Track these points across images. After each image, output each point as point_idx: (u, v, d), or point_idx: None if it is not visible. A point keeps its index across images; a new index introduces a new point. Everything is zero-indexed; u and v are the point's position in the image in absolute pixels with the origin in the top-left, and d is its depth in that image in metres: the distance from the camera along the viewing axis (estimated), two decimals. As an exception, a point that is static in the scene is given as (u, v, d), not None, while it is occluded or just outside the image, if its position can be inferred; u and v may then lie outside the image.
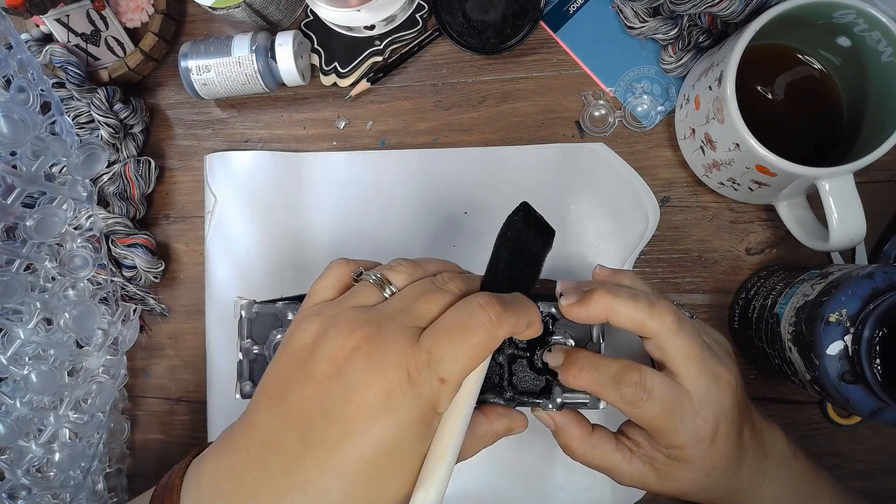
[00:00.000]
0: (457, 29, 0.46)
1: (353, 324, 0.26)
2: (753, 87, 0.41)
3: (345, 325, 0.26)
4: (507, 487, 0.45)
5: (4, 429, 0.40)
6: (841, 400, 0.32)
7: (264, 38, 0.46)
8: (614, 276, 0.35)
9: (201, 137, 0.50)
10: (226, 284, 0.48)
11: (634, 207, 0.45)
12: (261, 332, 0.34)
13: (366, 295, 0.28)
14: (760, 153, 0.35)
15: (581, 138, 0.46)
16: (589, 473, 0.44)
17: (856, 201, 0.35)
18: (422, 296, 0.27)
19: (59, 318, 0.41)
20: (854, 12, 0.34)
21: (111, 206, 0.48)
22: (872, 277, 0.32)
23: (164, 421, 0.50)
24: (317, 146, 0.49)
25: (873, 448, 0.43)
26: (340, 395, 0.25)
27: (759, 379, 0.44)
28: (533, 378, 0.33)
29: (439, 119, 0.47)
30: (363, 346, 0.25)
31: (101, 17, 0.48)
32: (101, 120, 0.46)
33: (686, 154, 0.44)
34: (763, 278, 0.41)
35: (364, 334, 0.25)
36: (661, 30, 0.43)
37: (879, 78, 0.37)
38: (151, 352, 0.51)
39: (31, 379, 0.39)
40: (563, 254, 0.45)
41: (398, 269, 0.29)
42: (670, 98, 0.45)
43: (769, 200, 0.42)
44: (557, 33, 0.46)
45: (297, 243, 0.48)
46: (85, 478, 0.44)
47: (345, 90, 0.48)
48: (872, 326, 0.30)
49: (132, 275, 0.48)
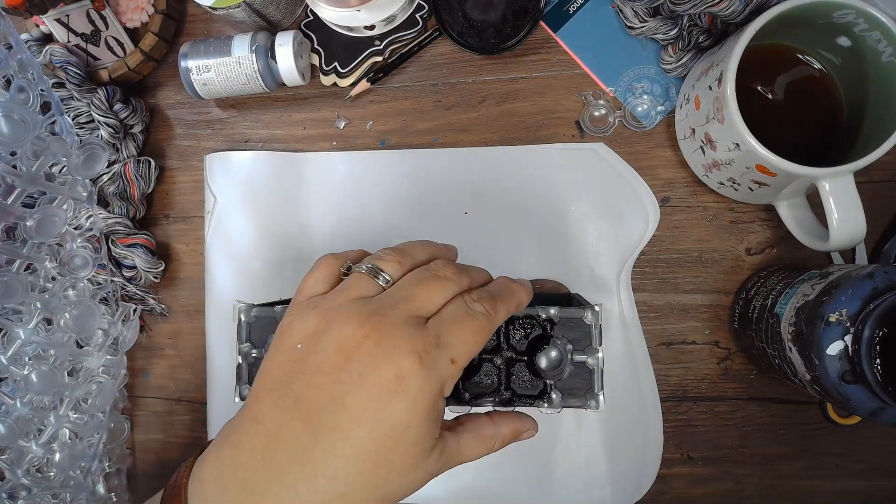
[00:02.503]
0: (457, 29, 0.46)
1: (359, 314, 0.26)
2: (753, 87, 0.41)
3: (350, 316, 0.26)
4: (507, 487, 0.45)
5: (4, 429, 0.40)
6: (841, 400, 0.32)
7: (264, 38, 0.46)
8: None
9: (201, 137, 0.50)
10: (226, 284, 0.48)
11: (634, 207, 0.45)
12: (260, 336, 0.34)
13: (363, 286, 0.28)
14: (760, 153, 0.35)
15: (581, 138, 0.46)
16: (589, 473, 0.44)
17: (856, 201, 0.35)
18: (420, 283, 0.28)
19: (60, 318, 0.41)
20: (854, 12, 0.34)
21: (111, 206, 0.48)
22: (872, 277, 0.32)
23: (164, 421, 0.50)
24: (317, 146, 0.49)
25: (873, 448, 0.43)
26: (352, 382, 0.25)
27: (759, 379, 0.44)
28: (531, 380, 0.33)
29: (439, 119, 0.47)
30: (372, 334, 0.26)
31: (101, 17, 0.48)
32: (101, 120, 0.46)
33: (686, 154, 0.44)
34: (763, 278, 0.41)
35: (372, 323, 0.26)
36: (661, 30, 0.43)
37: (879, 78, 0.37)
38: (151, 352, 0.51)
39: (31, 379, 0.39)
40: (563, 254, 0.45)
41: (386, 257, 0.29)
42: (670, 98, 0.45)
43: (769, 200, 0.42)
44: (557, 33, 0.46)
45: (296, 243, 0.48)
46: (85, 478, 0.44)
47: (345, 90, 0.48)
48: (872, 326, 0.30)
49: (132, 275, 0.48)
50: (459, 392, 0.32)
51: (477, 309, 0.28)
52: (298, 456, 0.25)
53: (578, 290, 0.45)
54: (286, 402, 0.26)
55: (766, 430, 0.44)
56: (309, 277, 0.30)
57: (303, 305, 0.29)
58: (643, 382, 0.44)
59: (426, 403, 0.25)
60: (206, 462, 0.27)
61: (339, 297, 0.28)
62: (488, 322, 0.28)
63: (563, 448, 0.44)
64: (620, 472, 0.44)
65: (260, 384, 0.27)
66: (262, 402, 0.26)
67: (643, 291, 0.45)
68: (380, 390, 0.25)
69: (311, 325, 0.27)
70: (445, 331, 0.27)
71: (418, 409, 0.25)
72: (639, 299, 0.45)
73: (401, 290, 0.28)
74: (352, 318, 0.26)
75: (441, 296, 0.28)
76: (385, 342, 0.25)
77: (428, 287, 0.28)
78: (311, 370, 0.26)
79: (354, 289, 0.28)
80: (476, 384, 0.32)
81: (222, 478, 0.26)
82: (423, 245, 0.31)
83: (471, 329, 0.27)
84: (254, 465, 0.25)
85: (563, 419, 0.44)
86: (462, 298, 0.28)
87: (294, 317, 0.28)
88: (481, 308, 0.28)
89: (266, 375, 0.27)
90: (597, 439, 0.44)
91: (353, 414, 0.25)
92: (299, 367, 0.26)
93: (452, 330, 0.27)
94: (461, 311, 0.27)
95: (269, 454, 0.25)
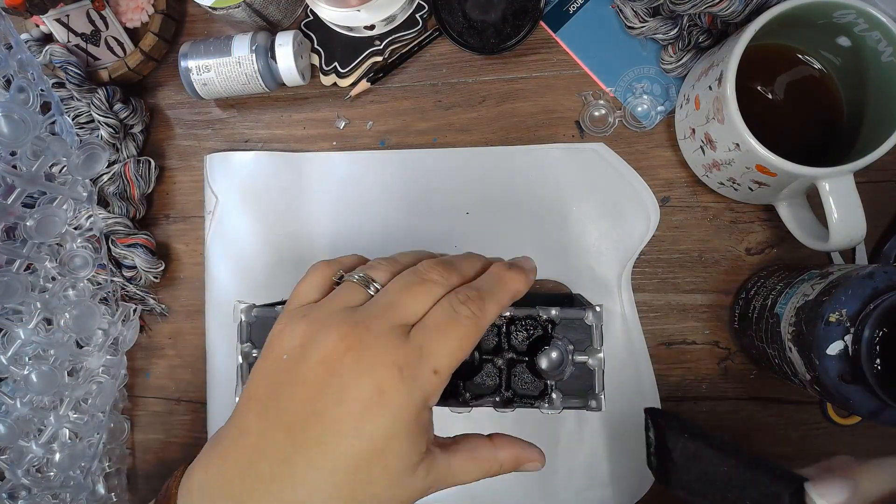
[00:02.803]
0: (457, 29, 0.46)
1: (342, 325, 0.26)
2: (753, 87, 0.41)
3: (334, 327, 0.26)
4: (507, 488, 0.45)
5: (4, 429, 0.40)
6: (841, 400, 0.32)
7: (264, 38, 0.46)
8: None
9: (201, 137, 0.50)
10: (226, 284, 0.48)
11: (635, 207, 0.45)
12: (260, 336, 0.34)
13: (351, 295, 0.28)
14: (760, 153, 0.35)
15: (581, 138, 0.46)
16: (590, 474, 0.44)
17: (856, 201, 0.35)
18: (406, 289, 0.27)
19: (60, 318, 0.41)
20: (854, 12, 0.34)
21: (111, 206, 0.48)
22: (872, 277, 0.32)
23: (164, 421, 0.50)
24: (317, 146, 0.49)
25: (873, 448, 0.43)
26: (333, 396, 0.25)
27: (759, 379, 0.44)
28: (532, 381, 0.33)
29: (439, 119, 0.47)
30: (354, 346, 0.25)
31: (101, 17, 0.48)
32: (101, 120, 0.46)
33: (686, 154, 0.44)
34: (763, 278, 0.41)
35: (355, 336, 0.25)
36: (661, 30, 0.43)
37: (879, 78, 0.37)
38: (151, 352, 0.50)
39: (31, 379, 0.39)
40: (564, 254, 0.45)
41: (378, 266, 0.29)
42: (670, 98, 0.45)
43: (769, 200, 0.42)
44: (557, 33, 0.46)
45: (297, 243, 0.48)
46: (85, 478, 0.44)
47: (345, 90, 0.48)
48: (872, 326, 0.30)
49: (132, 275, 0.48)
50: (460, 392, 0.32)
51: (462, 312, 0.26)
52: (282, 468, 0.25)
53: (579, 291, 0.45)
54: (270, 414, 0.26)
55: (766, 430, 0.44)
56: (301, 284, 0.30)
57: (293, 314, 0.28)
58: (644, 383, 0.44)
59: (409, 417, 0.25)
60: (194, 472, 0.27)
61: (328, 307, 0.28)
62: (475, 325, 0.26)
63: (564, 449, 0.44)
64: (621, 471, 0.44)
65: (248, 394, 0.27)
66: (248, 412, 0.27)
67: (643, 291, 0.45)
68: (361, 404, 0.25)
69: (298, 334, 0.27)
70: (428, 340, 0.26)
71: (400, 422, 0.25)
72: (639, 299, 0.45)
73: (386, 297, 0.27)
74: (336, 328, 0.26)
75: (426, 300, 0.27)
76: (366, 355, 0.25)
77: (412, 292, 0.27)
78: (296, 382, 0.26)
79: (343, 298, 0.28)
80: (477, 384, 0.32)
81: (210, 488, 0.26)
82: (416, 254, 0.31)
83: (454, 336, 0.26)
84: (239, 477, 0.25)
85: (564, 420, 0.44)
86: (448, 301, 0.27)
87: (284, 325, 0.28)
88: (467, 311, 0.26)
89: (253, 386, 0.27)
90: (598, 440, 0.44)
91: (334, 427, 0.25)
92: (285, 378, 0.26)
93: (435, 339, 0.26)
94: (445, 316, 0.26)
95: (254, 466, 0.25)
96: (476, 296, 0.27)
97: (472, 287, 0.28)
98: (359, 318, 0.26)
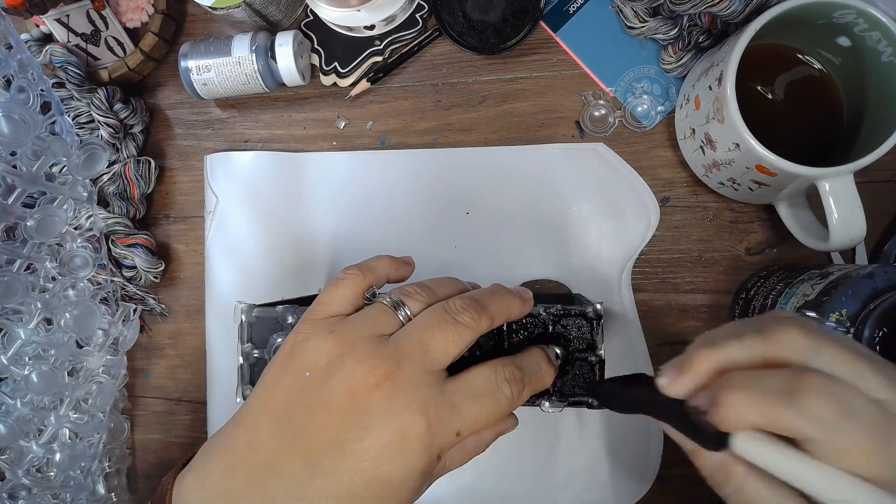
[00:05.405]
0: (457, 29, 0.46)
1: (372, 357, 0.26)
2: (753, 87, 0.41)
3: (364, 358, 0.26)
4: (508, 488, 0.45)
5: (5, 429, 0.40)
6: (841, 400, 0.32)
7: (264, 38, 0.46)
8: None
9: (201, 137, 0.50)
10: (226, 284, 0.48)
11: (635, 207, 0.45)
12: (261, 336, 0.34)
13: (383, 320, 0.28)
14: (760, 153, 0.35)
15: (581, 138, 0.46)
16: (590, 474, 0.44)
17: (856, 201, 0.35)
18: (437, 327, 0.27)
19: (60, 318, 0.41)
20: (854, 12, 0.34)
21: (111, 206, 0.48)
22: (872, 277, 0.32)
23: (164, 421, 0.50)
24: (317, 146, 0.49)
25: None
26: (356, 432, 0.25)
27: (759, 379, 0.44)
28: None
29: (439, 119, 0.47)
30: (384, 384, 0.25)
31: (101, 17, 0.48)
32: (101, 120, 0.46)
33: (686, 154, 0.44)
34: (763, 278, 0.41)
35: (384, 372, 0.25)
36: (661, 30, 0.43)
37: (879, 78, 0.37)
38: (151, 352, 0.51)
39: (31, 379, 0.39)
40: (564, 255, 0.45)
41: (413, 295, 0.29)
42: (670, 98, 0.45)
43: (769, 200, 0.42)
44: (557, 33, 0.46)
45: (297, 243, 0.48)
46: (85, 478, 0.44)
47: (345, 90, 0.48)
48: (872, 326, 0.30)
49: (132, 275, 0.48)
50: None
51: (504, 392, 0.27)
52: (294, 491, 0.25)
53: (579, 290, 0.45)
54: (286, 434, 0.26)
55: (766, 429, 0.44)
56: (332, 293, 0.29)
57: (319, 325, 0.28)
58: (643, 382, 0.44)
59: (424, 466, 0.26)
60: (190, 480, 0.27)
61: (358, 328, 0.27)
62: (509, 407, 0.27)
63: (564, 449, 0.44)
64: (622, 472, 0.44)
65: (262, 407, 0.27)
66: (261, 427, 0.26)
67: (643, 291, 0.45)
68: (383, 446, 0.25)
69: (325, 351, 0.26)
70: (463, 402, 0.26)
71: (415, 470, 0.25)
72: (639, 299, 0.45)
73: (418, 332, 0.27)
74: (367, 359, 0.26)
75: (457, 345, 0.27)
76: (396, 398, 0.25)
77: (444, 332, 0.27)
78: (317, 406, 0.25)
79: (373, 321, 0.28)
80: None
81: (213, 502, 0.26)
82: (451, 282, 0.31)
83: (489, 411, 0.27)
84: (248, 495, 0.25)
85: (565, 420, 0.44)
86: (496, 375, 0.27)
87: (308, 335, 0.27)
88: (508, 392, 0.27)
89: (269, 398, 0.27)
90: (598, 440, 0.44)
91: (353, 464, 0.25)
92: (306, 399, 0.26)
93: (470, 406, 0.26)
94: (489, 389, 0.27)
95: (266, 485, 0.25)
96: (520, 379, 0.28)
97: (518, 367, 0.29)
98: (389, 352, 0.26)
